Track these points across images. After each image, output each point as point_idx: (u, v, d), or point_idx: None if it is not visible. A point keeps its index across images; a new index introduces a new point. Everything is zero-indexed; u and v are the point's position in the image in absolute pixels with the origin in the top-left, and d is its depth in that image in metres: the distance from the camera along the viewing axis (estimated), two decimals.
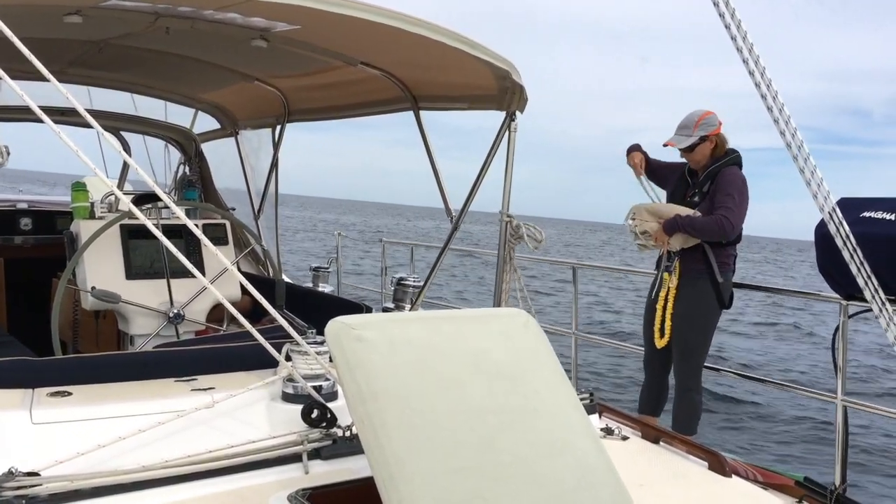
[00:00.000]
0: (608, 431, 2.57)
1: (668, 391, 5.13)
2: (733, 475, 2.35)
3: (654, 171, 5.28)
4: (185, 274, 3.28)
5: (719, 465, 2.36)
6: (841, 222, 2.35)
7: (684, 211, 4.78)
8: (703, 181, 4.90)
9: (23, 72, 1.99)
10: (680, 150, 4.97)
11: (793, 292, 5.65)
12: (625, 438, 2.56)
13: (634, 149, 5.29)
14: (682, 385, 4.83)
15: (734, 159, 4.89)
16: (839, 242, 2.36)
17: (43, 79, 1.91)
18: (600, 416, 2.69)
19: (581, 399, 2.09)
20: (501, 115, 3.44)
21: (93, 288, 3.27)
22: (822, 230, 3.95)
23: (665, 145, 5.01)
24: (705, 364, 4.97)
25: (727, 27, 2.14)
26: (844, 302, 4.20)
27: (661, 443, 2.58)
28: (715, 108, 5.05)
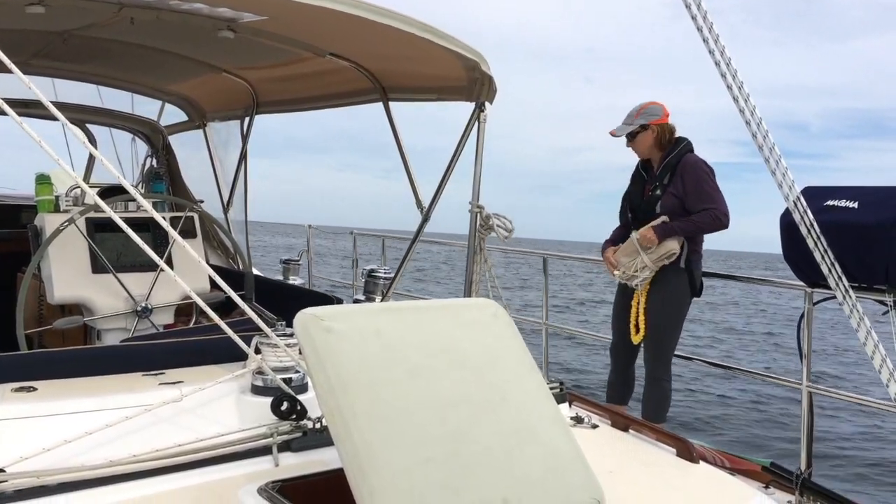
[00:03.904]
0: (578, 420, 2.59)
1: (634, 380, 5.17)
2: (701, 461, 2.38)
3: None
4: (154, 267, 3.25)
5: (687, 452, 2.39)
6: (805, 211, 2.39)
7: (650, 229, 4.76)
8: (661, 173, 4.88)
9: None
10: (626, 140, 4.98)
11: (758, 280, 5.72)
12: (594, 427, 2.58)
13: (606, 247, 5.14)
14: (652, 374, 4.86)
15: (687, 146, 4.89)
16: (804, 231, 2.39)
17: (5, 70, 1.88)
18: (570, 405, 2.71)
19: (551, 388, 2.11)
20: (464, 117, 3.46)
21: (52, 323, 3.22)
22: (787, 219, 4.00)
23: (610, 134, 5.01)
24: (680, 355, 5.04)
25: (699, 29, 2.17)
26: (809, 289, 4.27)
27: (631, 431, 2.61)
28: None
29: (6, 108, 1.89)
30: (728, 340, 18.90)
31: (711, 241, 4.98)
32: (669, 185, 4.81)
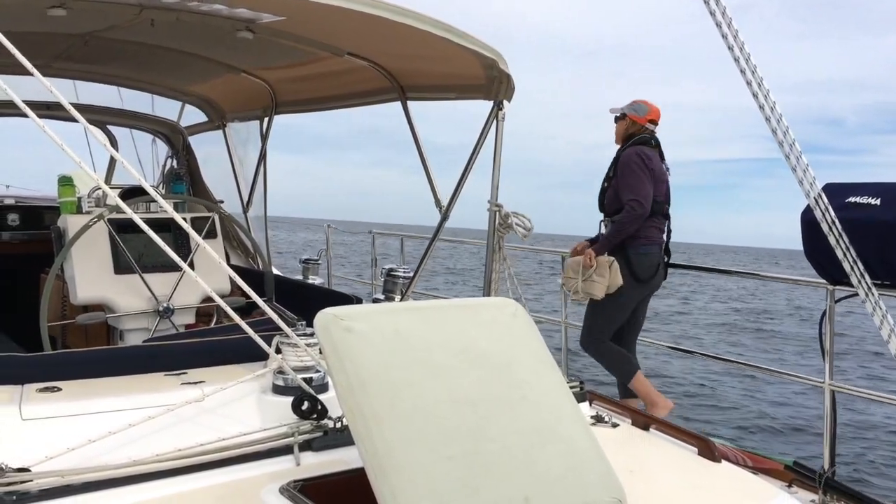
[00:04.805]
0: (598, 419, 2.58)
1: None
2: (723, 460, 2.36)
3: None
4: (175, 268, 3.27)
5: (709, 451, 2.37)
6: (827, 208, 2.37)
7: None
8: (609, 167, 5.21)
9: (6, 66, 1.97)
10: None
11: (780, 279, 5.68)
12: (615, 426, 2.57)
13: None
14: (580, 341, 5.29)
15: (638, 140, 5.17)
16: (825, 228, 2.37)
17: (27, 73, 1.90)
18: (590, 404, 2.70)
19: (571, 387, 2.10)
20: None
21: (74, 321, 3.26)
22: (808, 216, 3.97)
23: (609, 110, 5.43)
24: (703, 353, 5.37)
25: (718, 25, 2.16)
26: (831, 287, 4.23)
27: (652, 429, 2.59)
28: (688, 120, 5.18)
29: (28, 111, 1.91)
30: (746, 339, 18.77)
31: (747, 240, 5.06)
32: (613, 179, 5.13)
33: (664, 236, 5.21)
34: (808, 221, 3.97)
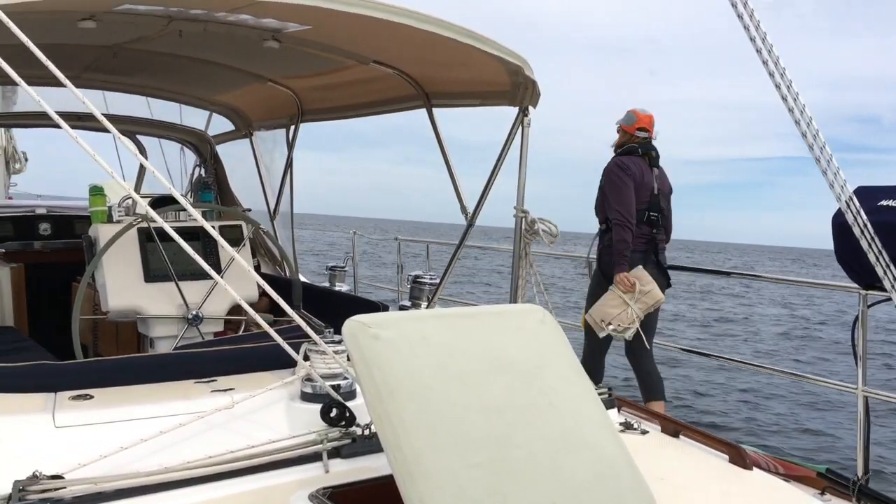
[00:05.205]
0: (627, 426, 2.56)
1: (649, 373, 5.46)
2: (754, 468, 2.34)
3: None
4: (204, 275, 3.30)
5: (740, 458, 2.35)
6: (858, 211, 2.34)
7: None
8: (601, 177, 5.46)
9: (39, 77, 2.00)
10: None
11: (812, 283, 5.62)
12: (644, 433, 2.55)
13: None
14: None
15: (624, 150, 5.40)
16: (857, 231, 2.34)
17: (59, 84, 1.93)
18: (619, 411, 2.68)
19: (599, 394, 2.09)
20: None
21: (107, 312, 3.31)
22: (839, 219, 3.92)
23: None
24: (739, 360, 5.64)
25: (745, 28, 2.14)
26: (863, 291, 4.17)
27: (681, 436, 2.57)
28: (722, 119, 5.26)
29: (61, 122, 1.94)
30: (781, 343, 18.53)
31: (787, 240, 5.07)
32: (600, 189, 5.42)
33: (646, 242, 5.30)
34: (840, 225, 3.92)
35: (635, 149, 5.37)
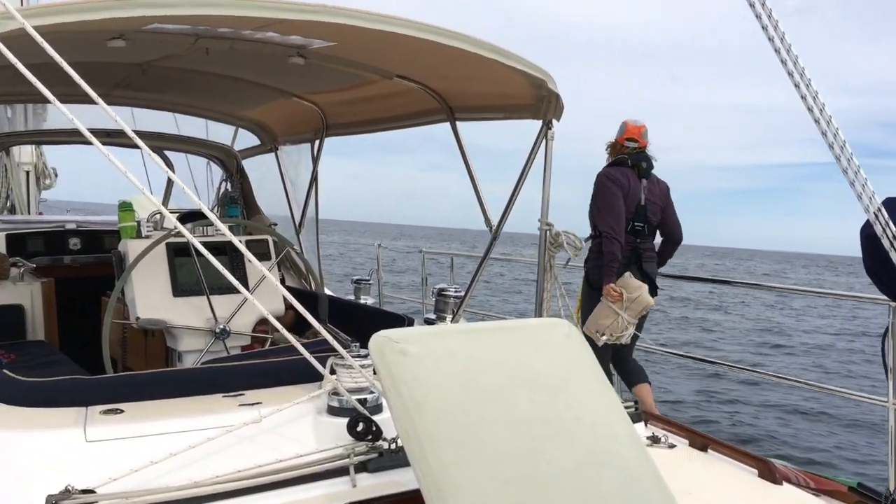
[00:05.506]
0: (654, 440, 2.54)
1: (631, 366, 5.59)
2: (784, 482, 2.31)
3: None
4: (231, 290, 3.33)
5: (769, 473, 2.32)
6: (887, 223, 2.32)
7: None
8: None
9: (70, 95, 2.04)
10: None
11: (840, 295, 5.55)
12: (672, 446, 2.53)
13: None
14: None
15: (614, 161, 5.55)
16: (885, 243, 2.32)
17: (90, 102, 1.96)
18: (646, 425, 2.67)
19: (626, 407, 2.08)
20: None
21: (137, 318, 3.34)
22: (867, 231, 3.87)
23: None
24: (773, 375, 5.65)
25: (770, 39, 2.13)
26: (893, 303, 4.11)
27: (710, 450, 2.55)
28: (747, 123, 5.26)
29: (94, 140, 1.98)
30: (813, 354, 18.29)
31: (812, 247, 5.08)
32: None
33: (629, 252, 5.39)
34: (868, 236, 3.87)
35: (625, 160, 5.52)
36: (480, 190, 3.76)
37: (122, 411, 2.13)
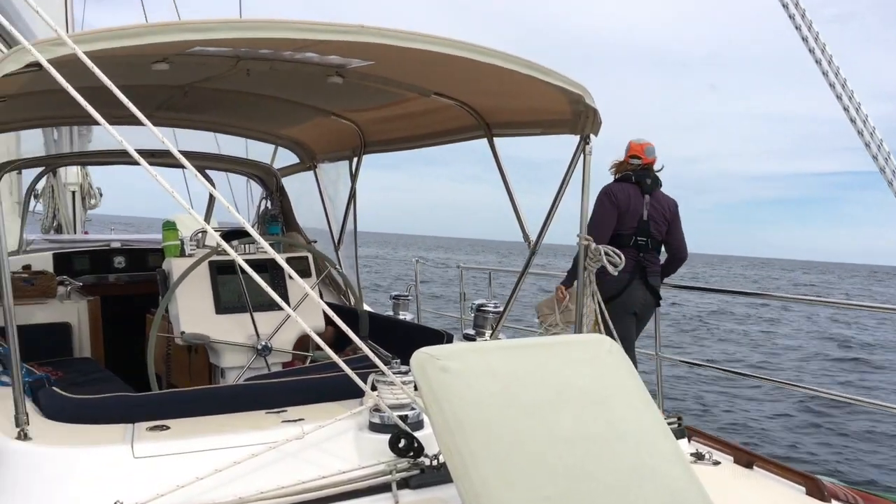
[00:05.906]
0: (699, 456, 2.51)
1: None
2: (833, 500, 2.27)
3: None
4: (272, 307, 3.36)
5: (817, 490, 2.28)
6: None
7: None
8: None
9: (116, 117, 2.09)
10: None
11: (864, 307, 5.48)
12: (716, 463, 2.50)
13: None
14: None
15: (619, 177, 5.74)
16: None
17: (135, 123, 2.01)
18: (689, 441, 2.64)
19: (669, 423, 2.06)
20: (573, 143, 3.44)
21: (182, 332, 3.39)
22: None
23: None
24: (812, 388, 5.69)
25: (811, 51, 2.11)
26: None
27: (755, 467, 2.51)
28: (782, 132, 5.21)
29: (141, 161, 2.02)
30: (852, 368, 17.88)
31: (854, 257, 5.00)
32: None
33: (633, 265, 5.47)
34: None
35: (629, 176, 5.74)
36: (518, 205, 3.76)
37: (167, 427, 2.16)
